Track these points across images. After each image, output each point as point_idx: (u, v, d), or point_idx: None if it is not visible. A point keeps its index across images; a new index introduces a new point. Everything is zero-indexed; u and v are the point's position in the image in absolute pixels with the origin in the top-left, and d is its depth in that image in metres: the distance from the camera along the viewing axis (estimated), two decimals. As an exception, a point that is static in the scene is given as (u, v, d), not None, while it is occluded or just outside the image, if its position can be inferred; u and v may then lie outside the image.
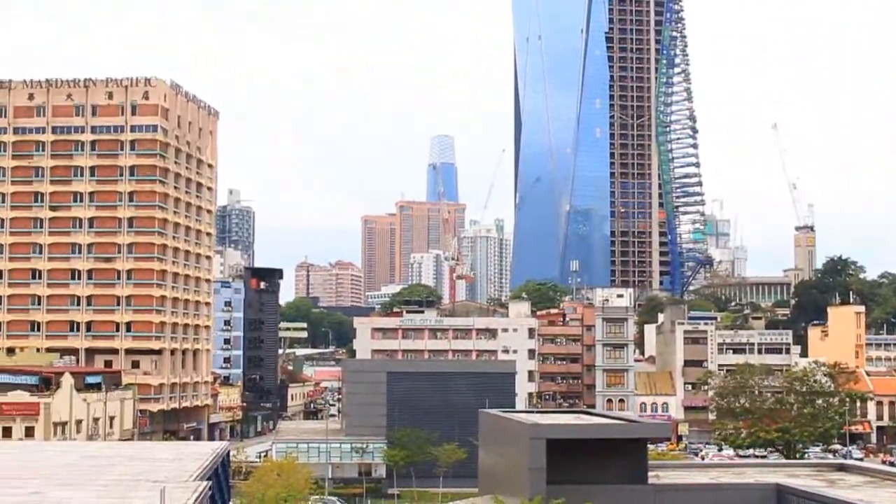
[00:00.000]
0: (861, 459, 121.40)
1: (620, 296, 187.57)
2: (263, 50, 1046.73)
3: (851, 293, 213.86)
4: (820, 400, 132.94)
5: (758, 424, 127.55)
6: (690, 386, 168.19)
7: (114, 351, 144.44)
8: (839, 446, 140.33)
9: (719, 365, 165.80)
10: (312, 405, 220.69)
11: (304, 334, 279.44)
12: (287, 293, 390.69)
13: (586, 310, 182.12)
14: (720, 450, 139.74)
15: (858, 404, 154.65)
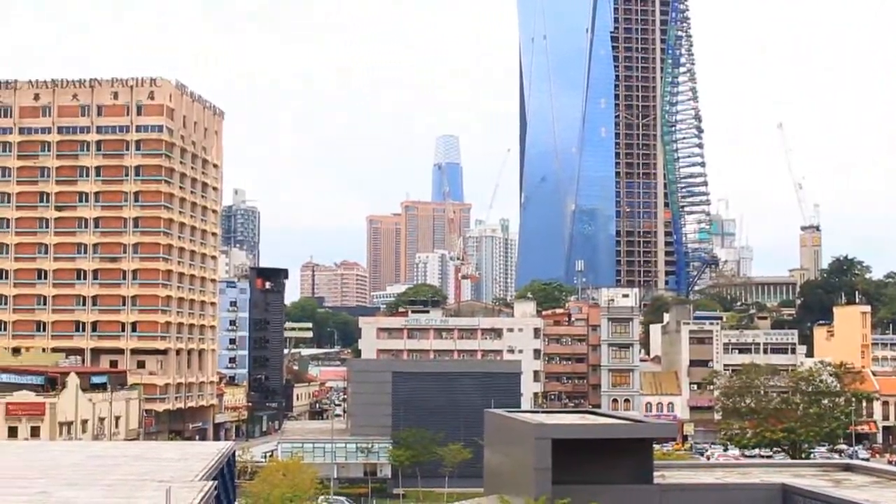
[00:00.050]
0: (867, 459, 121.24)
1: (626, 296, 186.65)
2: (263, 50, 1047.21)
3: (857, 293, 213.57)
4: (826, 400, 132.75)
5: (763, 424, 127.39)
6: (696, 386, 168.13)
7: (119, 351, 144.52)
8: (845, 446, 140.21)
9: (725, 365, 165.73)
10: (318, 405, 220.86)
11: (310, 334, 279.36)
12: (292, 293, 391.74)
13: (592, 310, 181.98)
14: (726, 450, 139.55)
15: (864, 404, 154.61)
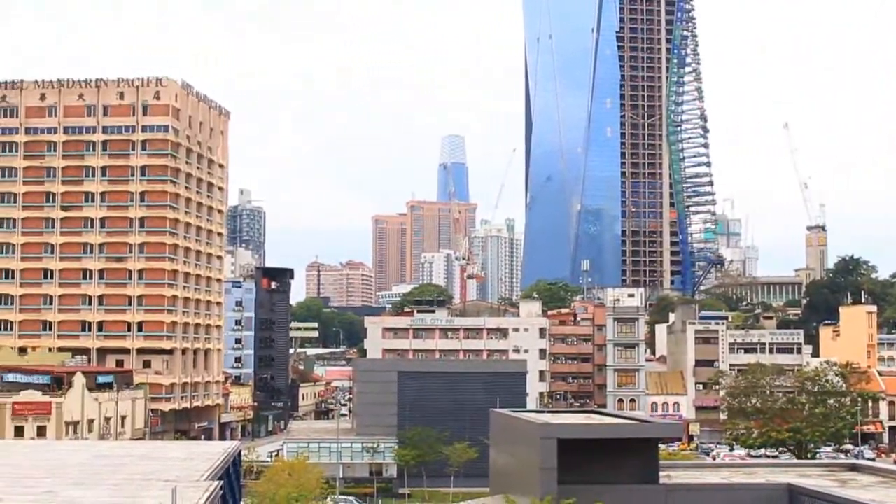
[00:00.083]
0: (873, 459, 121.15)
1: (631, 295, 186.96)
2: (263, 50, 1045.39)
3: (863, 293, 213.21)
4: (832, 400, 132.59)
5: (769, 424, 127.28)
6: (701, 386, 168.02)
7: (125, 350, 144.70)
8: (851, 446, 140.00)
9: (730, 365, 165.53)
10: (323, 405, 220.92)
11: (315, 334, 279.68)
12: (298, 293, 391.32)
13: (597, 309, 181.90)
14: (731, 450, 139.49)
15: (870, 404, 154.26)
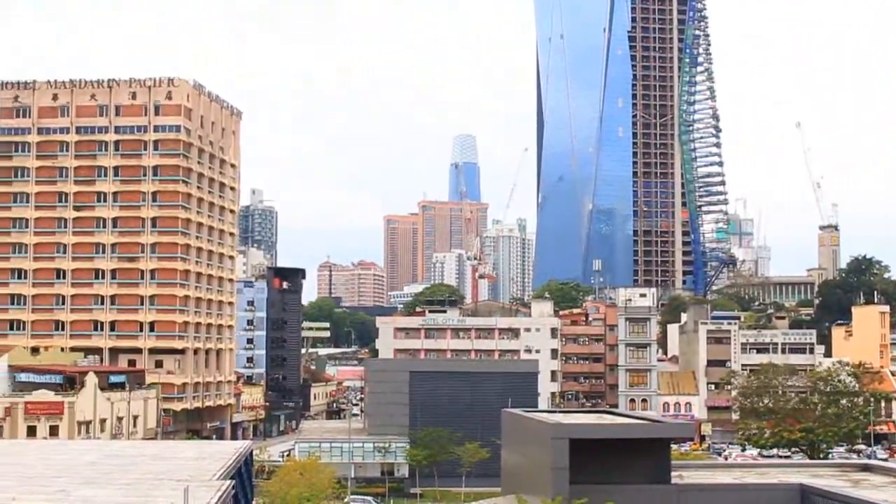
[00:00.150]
0: (885, 459, 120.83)
1: (643, 295, 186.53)
2: (263, 50, 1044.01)
3: (876, 293, 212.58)
4: (844, 400, 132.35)
5: (781, 424, 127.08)
6: (714, 386, 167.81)
7: (137, 350, 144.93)
8: (863, 446, 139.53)
9: (743, 365, 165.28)
10: (335, 405, 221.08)
11: (327, 334, 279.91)
12: (310, 293, 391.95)
13: (609, 309, 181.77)
14: (744, 450, 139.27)
15: (883, 404, 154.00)
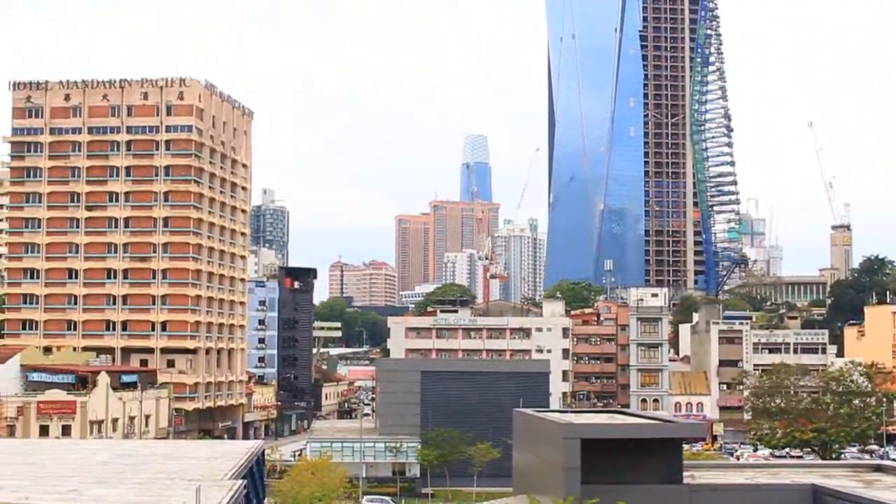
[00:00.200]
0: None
1: (655, 295, 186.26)
2: (263, 50, 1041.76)
3: (888, 293, 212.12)
4: (856, 400, 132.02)
5: (793, 424, 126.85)
6: (725, 386, 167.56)
7: (149, 350, 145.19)
8: (876, 447, 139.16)
9: (754, 365, 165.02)
10: (346, 404, 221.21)
11: (339, 334, 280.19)
12: (321, 293, 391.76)
13: (620, 309, 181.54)
14: (755, 450, 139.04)
15: (895, 404, 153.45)
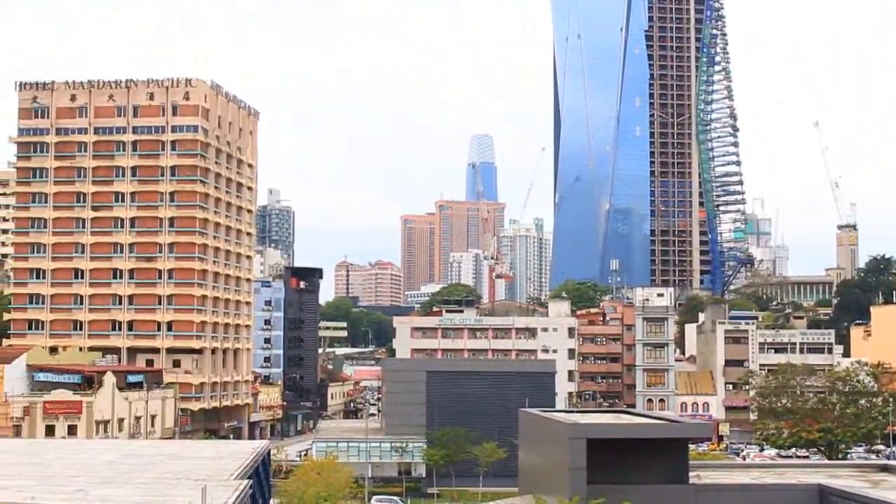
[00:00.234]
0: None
1: (661, 295, 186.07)
2: (263, 50, 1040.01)
3: (894, 292, 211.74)
4: (863, 400, 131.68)
5: (800, 424, 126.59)
6: (731, 386, 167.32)
7: (155, 350, 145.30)
8: (882, 447, 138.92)
9: (761, 365, 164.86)
10: (352, 404, 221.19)
11: (344, 333, 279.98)
12: (327, 293, 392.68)
13: (626, 309, 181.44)
14: (762, 450, 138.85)
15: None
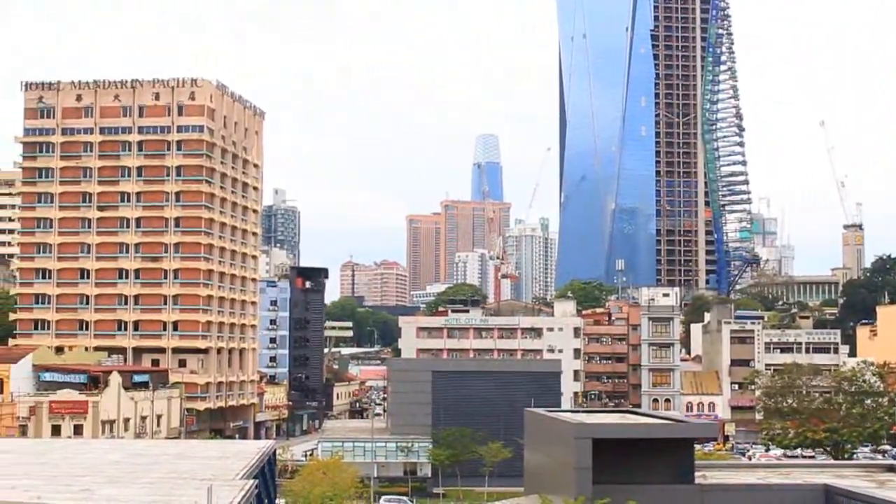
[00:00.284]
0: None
1: (666, 295, 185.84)
2: (263, 50, 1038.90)
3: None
4: (869, 400, 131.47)
5: (805, 424, 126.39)
6: (737, 385, 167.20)
7: (161, 350, 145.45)
8: (888, 447, 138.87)
9: (766, 364, 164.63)
10: (358, 404, 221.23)
11: (350, 333, 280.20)
12: (332, 292, 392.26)
13: (632, 309, 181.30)
14: (767, 450, 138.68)
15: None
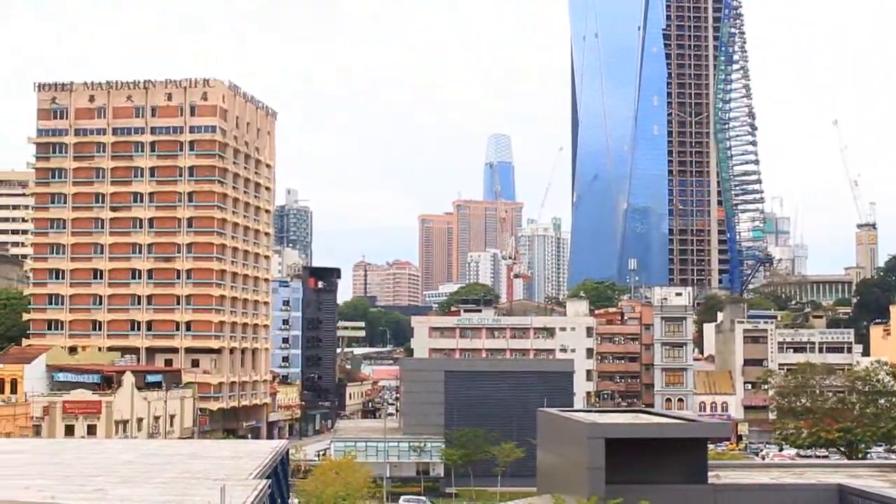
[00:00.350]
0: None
1: (679, 294, 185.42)
2: (263, 50, 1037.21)
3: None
4: (883, 399, 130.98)
5: (819, 424, 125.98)
6: (750, 385, 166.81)
7: (174, 350, 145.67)
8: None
9: (780, 364, 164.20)
10: (370, 404, 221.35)
11: (362, 333, 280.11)
12: (345, 292, 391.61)
13: (644, 308, 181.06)
14: (781, 450, 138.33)
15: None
